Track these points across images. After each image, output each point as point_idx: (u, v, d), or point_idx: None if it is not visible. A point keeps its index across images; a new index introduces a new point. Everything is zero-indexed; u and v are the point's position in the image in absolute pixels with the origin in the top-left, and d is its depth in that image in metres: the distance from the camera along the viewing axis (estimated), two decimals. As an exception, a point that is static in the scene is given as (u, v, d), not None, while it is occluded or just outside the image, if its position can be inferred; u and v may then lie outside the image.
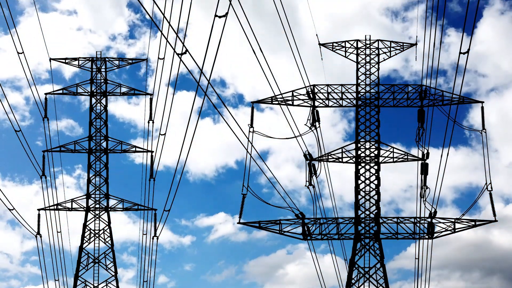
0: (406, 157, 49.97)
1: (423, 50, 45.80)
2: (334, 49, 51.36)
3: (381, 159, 48.65)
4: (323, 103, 48.90)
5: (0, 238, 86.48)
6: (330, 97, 48.83)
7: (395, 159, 49.18)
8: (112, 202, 57.37)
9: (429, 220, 47.08)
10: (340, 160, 49.39)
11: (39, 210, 56.68)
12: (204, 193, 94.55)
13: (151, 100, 58.86)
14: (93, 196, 57.04)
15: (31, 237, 55.17)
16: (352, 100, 49.14)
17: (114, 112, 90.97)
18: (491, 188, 46.90)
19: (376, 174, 48.30)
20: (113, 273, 56.26)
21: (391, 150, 48.84)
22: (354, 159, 48.77)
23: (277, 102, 47.92)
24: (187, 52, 23.80)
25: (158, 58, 46.26)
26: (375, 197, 48.04)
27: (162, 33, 23.90)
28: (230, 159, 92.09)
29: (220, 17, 24.99)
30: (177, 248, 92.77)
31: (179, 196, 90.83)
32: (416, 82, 49.28)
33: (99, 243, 56.53)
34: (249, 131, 46.95)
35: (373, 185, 48.24)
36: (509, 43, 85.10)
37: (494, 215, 46.96)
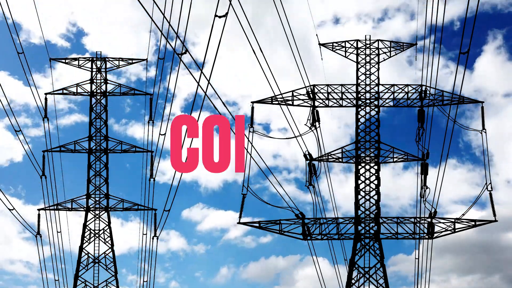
0: (406, 157, 49.98)
1: (422, 75, 45.87)
2: (334, 49, 51.34)
3: (381, 159, 48.66)
4: (323, 103, 48.90)
5: (22, 248, 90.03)
6: (330, 97, 48.83)
7: (395, 159, 49.20)
8: (112, 202, 57.44)
9: (429, 220, 47.08)
10: (340, 160, 49.40)
11: (39, 210, 56.71)
12: (215, 202, 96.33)
13: (151, 100, 58.84)
14: (93, 196, 57.05)
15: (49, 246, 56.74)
16: (352, 100, 49.14)
17: (133, 134, 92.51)
18: (491, 188, 46.95)
19: (376, 174, 48.29)
20: (113, 273, 56.26)
21: (391, 150, 48.86)
22: (354, 159, 48.77)
23: (277, 102, 47.92)
24: (187, 52, 23.80)
25: (158, 58, 46.32)
26: (375, 197, 48.05)
27: (162, 33, 23.91)
28: (239, 176, 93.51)
29: (220, 17, 24.98)
30: (190, 255, 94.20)
31: (192, 205, 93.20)
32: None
33: (99, 243, 56.56)
34: (249, 131, 46.99)
35: (373, 185, 48.24)
36: (505, 77, 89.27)
37: (494, 215, 46.98)
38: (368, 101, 49.08)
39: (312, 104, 48.68)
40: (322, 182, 49.17)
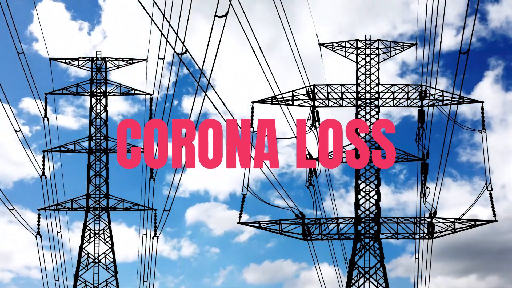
0: (406, 157, 49.97)
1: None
2: (334, 49, 51.34)
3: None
4: (323, 103, 48.90)
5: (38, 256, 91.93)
6: (330, 97, 48.84)
7: (395, 159, 49.19)
8: (112, 202, 57.44)
9: (429, 220, 47.07)
10: (342, 159, 49.40)
11: (39, 210, 56.70)
12: (225, 209, 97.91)
13: (151, 100, 58.85)
14: (93, 196, 57.04)
15: (66, 253, 57.69)
16: (352, 100, 49.14)
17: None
18: (491, 188, 46.91)
19: (376, 174, 48.29)
20: (113, 273, 56.26)
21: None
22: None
23: (277, 102, 47.92)
24: (187, 52, 23.79)
25: (158, 58, 46.18)
26: (375, 197, 48.04)
27: (162, 33, 23.89)
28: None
29: (220, 17, 24.97)
30: (200, 260, 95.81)
31: (203, 212, 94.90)
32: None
33: (99, 243, 56.55)
34: (250, 132, 46.96)
35: (373, 185, 48.24)
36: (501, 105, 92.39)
37: (494, 215, 46.96)
38: (368, 101, 49.09)
39: (312, 104, 48.68)
40: (324, 201, 49.81)
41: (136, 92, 58.87)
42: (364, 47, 50.66)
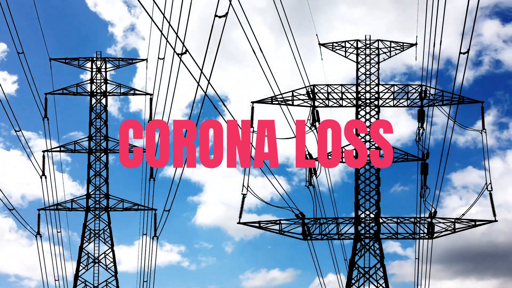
0: (406, 157, 49.99)
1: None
2: (334, 49, 51.32)
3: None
4: (323, 103, 48.90)
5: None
6: (330, 97, 48.83)
7: (395, 159, 49.22)
8: (112, 202, 57.45)
9: (429, 220, 47.06)
10: (341, 159, 49.42)
11: (39, 210, 56.72)
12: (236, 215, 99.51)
13: (151, 100, 58.84)
14: (93, 196, 57.05)
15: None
16: (352, 100, 49.14)
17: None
18: (491, 188, 46.90)
19: (376, 174, 48.29)
20: (113, 273, 56.27)
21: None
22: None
23: (277, 102, 47.92)
24: (187, 52, 23.78)
25: (158, 58, 46.17)
26: (375, 197, 48.04)
27: (162, 33, 23.89)
28: (257, 201, 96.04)
29: (220, 17, 24.97)
30: (211, 265, 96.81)
31: (212, 217, 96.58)
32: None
33: (99, 243, 56.58)
34: (250, 132, 46.95)
35: (373, 185, 48.24)
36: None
37: (494, 215, 46.96)
38: (368, 101, 49.09)
39: (312, 104, 48.68)
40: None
41: (136, 92, 58.90)
42: (364, 47, 50.65)
